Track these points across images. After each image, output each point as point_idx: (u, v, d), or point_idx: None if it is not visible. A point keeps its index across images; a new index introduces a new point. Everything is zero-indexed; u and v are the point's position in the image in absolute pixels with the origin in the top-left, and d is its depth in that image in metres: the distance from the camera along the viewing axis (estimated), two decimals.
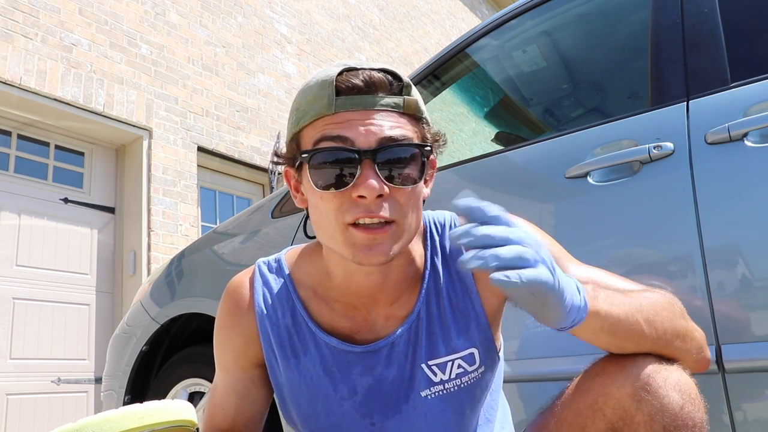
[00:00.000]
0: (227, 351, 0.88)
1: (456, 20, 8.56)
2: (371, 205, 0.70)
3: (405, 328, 0.82)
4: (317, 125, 0.74)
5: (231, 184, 4.95)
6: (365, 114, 0.72)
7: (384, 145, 0.71)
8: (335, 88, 0.73)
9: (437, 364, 0.81)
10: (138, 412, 0.61)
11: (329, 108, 0.72)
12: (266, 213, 1.91)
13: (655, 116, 1.26)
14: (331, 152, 0.72)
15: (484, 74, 1.88)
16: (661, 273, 1.18)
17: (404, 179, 0.72)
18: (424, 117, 0.78)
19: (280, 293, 0.86)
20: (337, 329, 0.84)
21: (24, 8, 3.66)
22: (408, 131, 0.74)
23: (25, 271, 3.66)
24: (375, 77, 0.73)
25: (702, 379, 1.12)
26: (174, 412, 0.64)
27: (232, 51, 5.00)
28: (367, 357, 0.82)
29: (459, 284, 0.83)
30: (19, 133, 3.83)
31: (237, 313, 0.87)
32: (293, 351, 0.84)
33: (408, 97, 0.75)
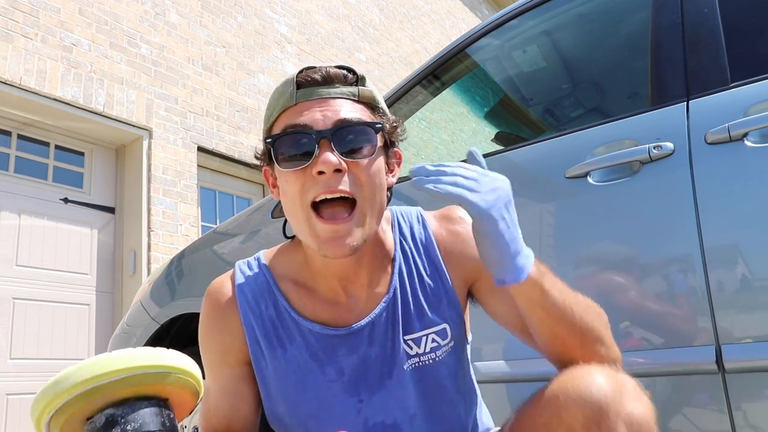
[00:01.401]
0: (214, 351, 0.91)
1: (456, 20, 8.56)
2: (331, 180, 0.77)
3: (383, 307, 0.88)
4: (282, 118, 0.82)
5: (231, 184, 4.95)
6: (323, 102, 0.81)
7: (339, 126, 0.79)
8: (296, 83, 0.82)
9: (413, 339, 0.87)
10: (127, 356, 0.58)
11: (291, 100, 0.82)
12: (266, 213, 1.91)
13: (655, 116, 1.26)
14: (292, 137, 0.80)
15: (484, 74, 1.88)
16: (661, 273, 1.18)
17: (359, 155, 0.79)
18: (380, 107, 0.86)
19: (261, 288, 0.91)
20: (319, 316, 0.88)
21: (24, 8, 3.66)
22: (363, 116, 0.82)
23: (25, 271, 3.66)
24: (331, 71, 0.82)
25: (702, 379, 1.12)
26: (168, 359, 0.61)
27: (232, 51, 5.00)
28: (350, 338, 0.87)
29: (429, 265, 0.90)
30: (19, 133, 3.83)
31: (219, 311, 0.91)
32: (279, 341, 0.88)
33: (362, 88, 0.84)
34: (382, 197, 0.83)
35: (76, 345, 3.82)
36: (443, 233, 0.93)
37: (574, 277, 1.27)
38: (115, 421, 0.56)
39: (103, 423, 0.56)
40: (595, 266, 1.27)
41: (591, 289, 1.24)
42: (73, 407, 0.56)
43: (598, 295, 1.23)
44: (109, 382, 0.56)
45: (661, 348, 1.15)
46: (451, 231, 0.93)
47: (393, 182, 0.89)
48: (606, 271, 1.26)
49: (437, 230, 0.93)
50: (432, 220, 0.95)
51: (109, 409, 0.57)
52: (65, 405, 0.56)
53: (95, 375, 0.55)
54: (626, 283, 1.22)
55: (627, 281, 1.22)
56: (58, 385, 0.55)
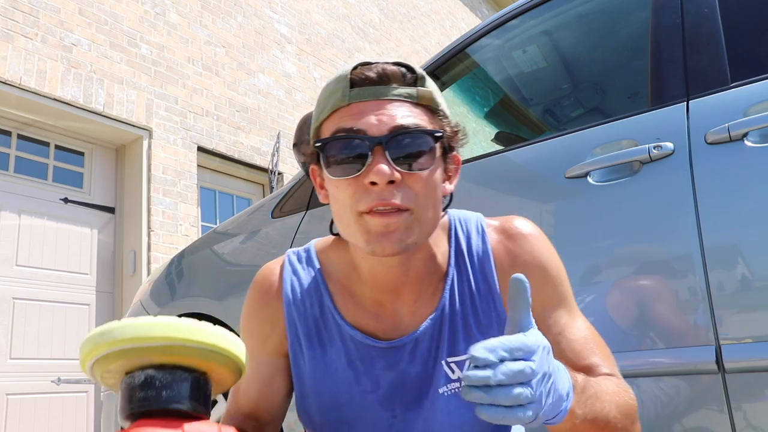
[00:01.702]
0: (253, 337, 0.89)
1: (456, 20, 8.56)
2: (384, 192, 0.71)
3: (428, 325, 0.82)
4: (334, 118, 0.76)
5: (231, 184, 4.95)
6: (378, 104, 0.74)
7: (395, 133, 0.72)
8: (350, 80, 0.75)
9: (456, 362, 0.82)
10: (177, 324, 0.58)
11: (343, 99, 0.75)
12: (266, 213, 1.91)
13: (655, 116, 1.26)
14: (344, 141, 0.74)
15: (484, 74, 1.88)
16: (661, 273, 1.18)
17: (416, 166, 0.73)
18: (441, 109, 0.79)
19: (308, 284, 0.88)
20: (362, 324, 0.85)
21: (24, 8, 3.66)
22: (421, 121, 0.75)
23: (25, 271, 3.66)
24: (388, 69, 0.75)
25: (702, 379, 1.12)
26: (210, 336, 0.60)
27: (232, 51, 5.00)
28: (390, 353, 0.83)
29: (482, 283, 0.84)
30: (19, 133, 3.83)
31: (264, 300, 0.89)
32: (320, 341, 0.86)
33: (422, 89, 0.76)
34: (438, 210, 0.78)
35: (76, 345, 3.82)
36: (501, 251, 0.85)
37: (575, 277, 1.27)
38: (153, 383, 0.57)
39: (141, 382, 0.57)
40: (595, 266, 1.27)
41: (591, 289, 1.24)
42: (112, 360, 0.57)
43: (599, 295, 1.24)
44: (148, 347, 0.56)
45: (661, 348, 1.15)
46: (509, 251, 0.85)
47: (450, 190, 0.83)
48: (606, 271, 1.26)
49: (496, 246, 0.85)
50: (491, 232, 0.87)
51: (150, 370, 0.57)
52: (104, 357, 0.57)
53: (135, 337, 0.55)
54: (626, 283, 1.22)
55: (627, 281, 1.22)
56: (101, 337, 0.56)
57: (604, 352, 0.80)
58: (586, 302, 1.24)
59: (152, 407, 0.56)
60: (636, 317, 1.19)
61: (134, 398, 0.57)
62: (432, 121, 0.77)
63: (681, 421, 1.13)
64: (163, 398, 0.56)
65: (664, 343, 1.15)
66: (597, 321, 1.22)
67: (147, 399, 0.56)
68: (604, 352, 0.80)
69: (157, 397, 0.56)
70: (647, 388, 1.16)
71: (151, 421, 0.56)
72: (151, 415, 0.56)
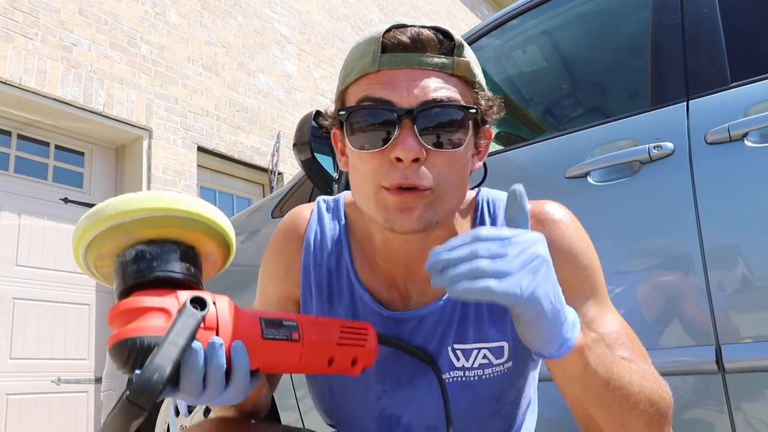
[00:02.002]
0: (268, 276, 0.88)
1: (456, 20, 8.56)
2: (407, 170, 0.67)
3: (438, 306, 0.78)
4: (362, 83, 0.71)
5: (231, 184, 4.95)
6: (410, 73, 0.69)
7: (426, 107, 0.68)
8: (381, 44, 0.70)
9: (462, 350, 0.78)
10: (155, 196, 0.58)
11: (373, 65, 0.70)
12: (266, 213, 1.91)
13: (655, 116, 1.26)
14: (370, 111, 0.69)
15: (484, 74, 1.88)
16: (661, 273, 1.18)
17: (445, 143, 0.69)
18: (477, 81, 0.74)
19: (331, 234, 0.84)
20: (373, 288, 0.81)
21: (24, 8, 3.66)
22: (455, 94, 0.70)
23: (25, 271, 3.66)
24: (424, 34, 0.70)
25: (702, 379, 1.12)
26: (193, 205, 0.61)
27: (232, 51, 5.00)
28: (390, 323, 0.79)
29: None
30: (19, 133, 3.83)
31: (286, 240, 0.86)
32: (329, 295, 0.83)
33: (459, 59, 0.71)
34: (463, 188, 0.73)
35: (76, 345, 3.82)
36: None
37: None
38: (143, 256, 0.58)
39: (133, 257, 0.58)
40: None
41: None
42: (102, 242, 0.57)
43: None
44: (133, 221, 0.56)
45: (661, 348, 1.15)
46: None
47: (479, 166, 0.78)
48: (605, 272, 1.26)
49: None
50: None
51: (140, 245, 0.58)
52: (95, 239, 0.57)
53: (119, 212, 0.56)
54: (626, 283, 1.22)
55: (627, 281, 1.22)
56: (89, 219, 0.57)
57: (637, 348, 0.74)
58: None
59: (145, 278, 0.57)
60: (636, 317, 1.19)
61: (127, 273, 0.58)
62: (466, 93, 0.72)
63: (681, 421, 1.13)
64: (155, 267, 0.57)
65: (664, 343, 1.15)
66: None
67: (139, 270, 0.57)
68: (637, 348, 0.74)
69: (148, 268, 0.57)
70: None
71: (146, 291, 0.57)
72: (145, 287, 0.57)
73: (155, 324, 0.55)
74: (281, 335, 0.64)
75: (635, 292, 1.20)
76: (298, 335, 0.65)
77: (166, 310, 0.56)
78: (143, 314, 0.55)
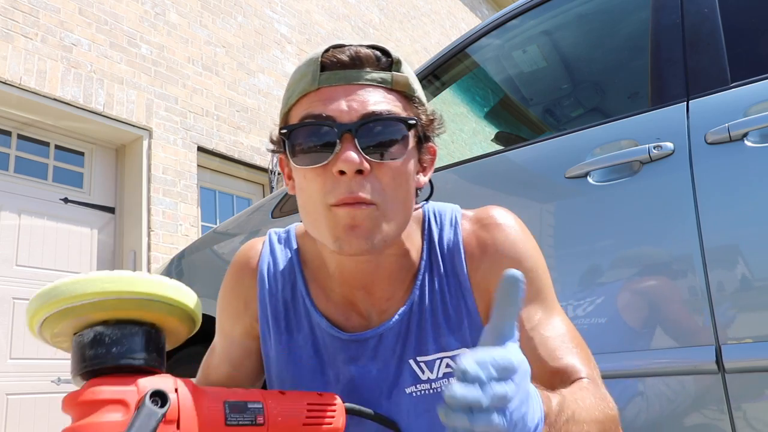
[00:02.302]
0: (226, 314, 0.87)
1: (456, 20, 8.56)
2: (352, 183, 0.67)
3: (395, 321, 0.78)
4: (303, 103, 0.72)
5: (231, 184, 4.95)
6: (349, 89, 0.70)
7: (366, 120, 0.68)
8: (320, 64, 0.71)
9: (425, 362, 0.78)
10: (106, 277, 0.55)
11: (313, 83, 0.71)
12: (266, 213, 1.91)
13: (655, 116, 1.26)
14: (311, 128, 0.70)
15: (484, 74, 1.88)
16: (661, 273, 1.18)
17: (387, 155, 0.69)
18: (416, 96, 0.74)
19: (284, 265, 0.85)
20: (330, 313, 0.81)
21: (24, 8, 3.66)
22: (395, 107, 0.71)
23: (25, 271, 3.66)
24: (362, 52, 0.71)
25: (702, 379, 1.12)
26: (145, 286, 0.56)
27: (232, 51, 5.00)
28: (352, 346, 0.79)
29: (453, 279, 0.79)
30: (19, 133, 3.83)
31: (239, 275, 0.86)
32: (287, 327, 0.83)
33: (397, 74, 0.72)
34: (409, 205, 0.73)
35: None
36: (473, 241, 0.79)
37: (575, 277, 1.27)
38: (102, 340, 0.55)
39: (91, 339, 0.55)
40: (595, 266, 1.27)
41: (591, 289, 1.24)
42: (55, 323, 0.55)
43: (599, 295, 1.24)
44: (82, 305, 0.54)
45: (661, 348, 1.15)
46: (480, 241, 0.79)
47: (424, 182, 0.78)
48: (606, 271, 1.26)
49: (468, 237, 0.80)
50: (466, 222, 0.82)
51: (99, 326, 0.55)
52: (48, 320, 0.55)
53: (71, 296, 0.54)
54: (626, 283, 1.22)
55: (627, 281, 1.22)
56: (40, 300, 0.55)
57: (583, 352, 0.74)
58: (586, 302, 1.24)
59: (103, 365, 0.55)
60: (636, 317, 1.19)
61: (85, 357, 0.55)
62: (407, 108, 0.73)
63: (681, 421, 1.13)
64: (114, 354, 0.55)
65: (664, 343, 1.15)
66: (597, 321, 1.22)
67: (98, 356, 0.55)
68: (583, 353, 0.74)
69: (107, 354, 0.55)
70: (647, 387, 1.16)
71: (104, 379, 0.54)
72: (104, 373, 0.55)
73: (112, 419, 0.52)
74: (245, 420, 0.62)
75: (635, 292, 1.20)
76: (263, 418, 0.63)
77: (125, 403, 0.53)
78: (100, 408, 0.52)
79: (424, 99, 0.77)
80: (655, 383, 1.15)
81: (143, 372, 0.56)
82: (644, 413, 1.14)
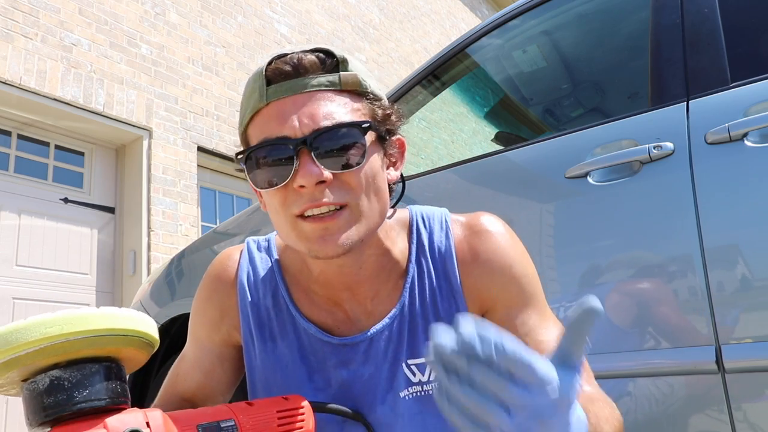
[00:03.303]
0: (200, 322, 0.86)
1: (456, 20, 8.56)
2: (315, 193, 0.67)
3: (386, 324, 0.78)
4: (256, 122, 0.71)
5: (231, 184, 4.95)
6: (298, 99, 0.69)
7: (319, 132, 0.67)
8: (265, 78, 0.71)
9: (417, 365, 0.78)
10: (47, 320, 0.49)
11: (261, 100, 0.70)
12: (266, 213, 1.91)
13: (655, 116, 1.26)
14: (266, 150, 0.69)
15: (484, 74, 1.88)
16: (661, 273, 1.18)
17: (346, 162, 0.68)
18: (369, 91, 0.73)
19: (264, 273, 0.84)
20: (317, 318, 0.81)
21: (24, 8, 3.66)
22: (347, 110, 0.70)
23: (25, 271, 3.66)
24: (304, 59, 0.70)
25: (702, 379, 1.12)
26: (110, 320, 0.52)
27: (232, 51, 5.00)
28: (342, 350, 0.79)
29: (444, 281, 0.79)
30: (19, 133, 3.83)
31: (217, 285, 0.85)
32: (271, 334, 0.82)
33: (344, 73, 0.71)
34: (382, 198, 0.73)
35: None
36: (464, 247, 0.80)
37: (575, 277, 1.27)
38: (61, 385, 0.50)
39: (47, 386, 0.50)
40: (595, 266, 1.27)
41: (591, 290, 1.24)
42: (0, 373, 0.50)
43: (599, 295, 1.24)
44: (27, 354, 0.49)
45: (661, 348, 1.15)
46: (472, 247, 0.80)
47: (396, 177, 0.78)
48: (606, 272, 1.26)
49: (459, 241, 0.80)
50: (457, 227, 0.82)
51: (54, 371, 0.50)
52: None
53: (12, 346, 0.48)
54: (626, 283, 1.22)
55: (627, 281, 1.22)
56: None
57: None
58: None
59: (65, 411, 0.50)
60: (636, 317, 1.19)
61: (44, 405, 0.50)
62: (360, 106, 0.72)
63: (681, 421, 1.13)
64: (76, 399, 0.50)
65: (664, 343, 1.15)
66: (597, 321, 1.21)
67: (58, 404, 0.50)
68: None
69: (68, 400, 0.50)
70: (647, 388, 1.16)
71: (68, 426, 0.50)
72: (66, 420, 0.51)
73: None
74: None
75: (635, 292, 1.20)
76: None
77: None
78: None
79: (379, 92, 0.75)
80: (655, 383, 1.15)
81: (107, 411, 0.52)
82: (644, 413, 1.14)
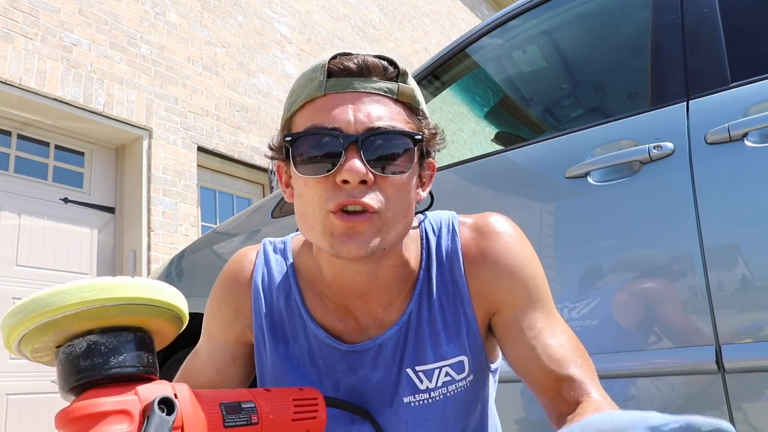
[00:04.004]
0: (214, 320, 0.87)
1: (456, 20, 8.56)
2: (354, 190, 0.67)
3: (394, 331, 0.78)
4: (308, 109, 0.71)
5: (231, 184, 4.95)
6: (356, 97, 0.69)
7: (372, 132, 0.68)
8: (327, 70, 0.70)
9: (424, 371, 0.78)
10: (85, 285, 0.51)
11: (319, 89, 0.70)
12: (266, 213, 1.91)
13: (655, 116, 1.26)
14: (316, 138, 0.69)
15: (484, 74, 1.88)
16: (661, 273, 1.18)
17: (391, 168, 0.69)
18: (421, 109, 0.75)
19: (279, 275, 0.84)
20: (328, 323, 0.81)
21: (24, 8, 3.66)
22: (401, 119, 0.71)
23: (25, 271, 3.66)
24: (369, 61, 0.70)
25: (702, 379, 1.12)
26: (144, 290, 0.54)
27: (232, 51, 5.00)
28: (351, 357, 0.79)
29: (452, 287, 0.79)
30: (19, 133, 3.83)
31: (233, 284, 0.86)
32: (283, 336, 0.83)
33: (403, 85, 0.72)
34: (410, 213, 0.73)
35: None
36: (472, 249, 0.79)
37: (575, 277, 1.27)
38: (98, 350, 0.52)
39: (84, 350, 0.52)
40: (595, 266, 1.27)
41: (591, 290, 1.24)
42: (34, 339, 0.53)
43: (599, 295, 1.24)
44: (64, 317, 0.51)
45: (661, 348, 1.15)
46: (480, 248, 0.79)
47: (423, 197, 0.78)
48: (606, 272, 1.26)
49: (467, 243, 0.80)
50: (465, 229, 0.81)
51: (92, 336, 0.53)
52: (26, 337, 0.52)
53: (51, 309, 0.50)
54: (626, 283, 1.22)
55: (627, 281, 1.22)
56: (18, 315, 0.52)
57: (586, 363, 0.74)
58: (585, 302, 1.24)
59: (100, 375, 0.52)
60: (636, 317, 1.19)
61: (80, 368, 0.52)
62: (411, 120, 0.73)
63: None
64: (112, 364, 0.52)
65: (664, 343, 1.15)
66: (597, 321, 1.22)
67: (94, 367, 0.52)
68: (586, 363, 0.74)
69: (104, 364, 0.52)
70: (647, 388, 1.16)
71: (100, 390, 0.52)
72: (99, 384, 0.53)
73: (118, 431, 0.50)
74: (241, 420, 0.62)
75: (635, 292, 1.20)
76: (257, 417, 0.64)
77: (128, 413, 0.51)
78: (102, 420, 0.50)
79: (427, 112, 0.76)
80: (655, 383, 1.15)
81: (137, 380, 0.54)
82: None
